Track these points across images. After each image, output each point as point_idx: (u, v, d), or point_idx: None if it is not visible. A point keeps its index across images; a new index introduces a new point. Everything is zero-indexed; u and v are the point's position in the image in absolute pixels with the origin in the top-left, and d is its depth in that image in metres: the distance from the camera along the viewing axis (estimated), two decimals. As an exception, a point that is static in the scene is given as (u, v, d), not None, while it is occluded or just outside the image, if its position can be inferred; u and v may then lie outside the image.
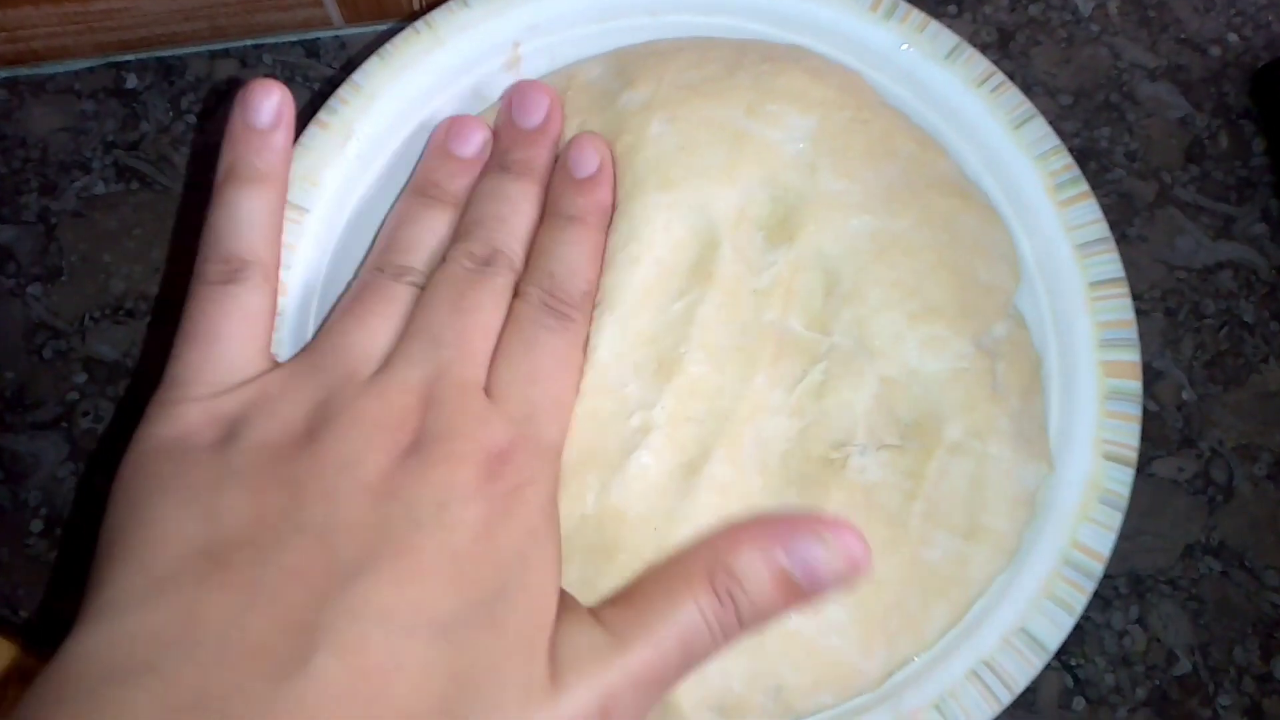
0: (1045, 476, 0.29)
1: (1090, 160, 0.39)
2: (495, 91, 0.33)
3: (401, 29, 0.33)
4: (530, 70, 0.34)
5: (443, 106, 0.33)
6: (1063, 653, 0.34)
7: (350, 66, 0.33)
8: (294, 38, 0.39)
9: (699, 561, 0.24)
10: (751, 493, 0.27)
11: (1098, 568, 0.28)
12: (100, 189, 0.37)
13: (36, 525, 0.34)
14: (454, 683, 0.21)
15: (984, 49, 0.40)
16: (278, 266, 0.28)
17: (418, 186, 0.30)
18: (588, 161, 0.30)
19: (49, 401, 0.35)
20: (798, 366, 0.28)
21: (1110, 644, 0.34)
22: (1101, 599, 0.34)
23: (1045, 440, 0.30)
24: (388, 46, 0.32)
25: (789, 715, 0.27)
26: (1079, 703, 0.33)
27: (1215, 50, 0.41)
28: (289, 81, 0.38)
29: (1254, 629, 0.34)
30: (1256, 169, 0.39)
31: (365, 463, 0.23)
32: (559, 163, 0.30)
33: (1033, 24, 0.41)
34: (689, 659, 0.23)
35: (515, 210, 0.29)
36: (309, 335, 0.30)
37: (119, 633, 0.21)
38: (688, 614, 0.23)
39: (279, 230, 0.28)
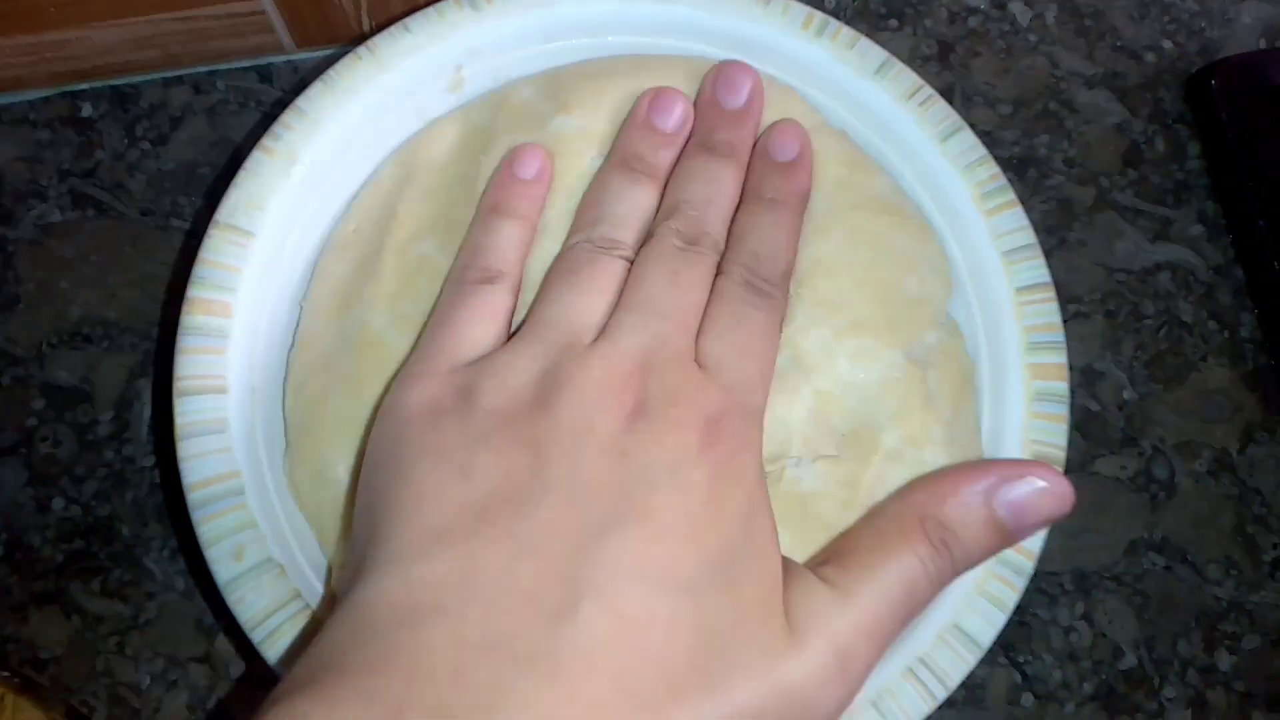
0: None
1: (1030, 167, 0.40)
2: (439, 113, 0.34)
3: (345, 54, 0.34)
4: (473, 92, 0.35)
5: (387, 130, 0.34)
6: (1010, 649, 0.34)
7: (300, 91, 0.33)
8: (247, 63, 0.39)
9: (910, 513, 0.26)
10: None
11: (1029, 565, 0.29)
12: (57, 217, 0.38)
13: (-4, 551, 0.34)
14: (701, 638, 0.22)
15: (925, 61, 0.41)
16: (520, 282, 0.30)
17: (623, 159, 0.31)
18: (789, 147, 0.31)
19: (7, 428, 0.35)
20: None
21: (1057, 640, 0.35)
22: (1047, 596, 0.35)
23: (978, 445, 0.30)
24: (331, 72, 0.33)
25: None
26: (1027, 698, 0.34)
27: (1150, 57, 0.42)
28: (242, 106, 0.39)
29: (1197, 622, 0.35)
30: (1192, 172, 0.40)
31: (596, 426, 0.25)
32: (759, 145, 0.32)
33: (972, 35, 0.42)
34: (912, 607, 0.25)
35: (721, 192, 0.30)
36: (255, 356, 0.31)
37: (406, 581, 0.22)
38: (908, 564, 0.25)
39: (525, 258, 0.30)
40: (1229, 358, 0.38)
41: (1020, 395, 0.31)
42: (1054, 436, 0.30)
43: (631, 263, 0.29)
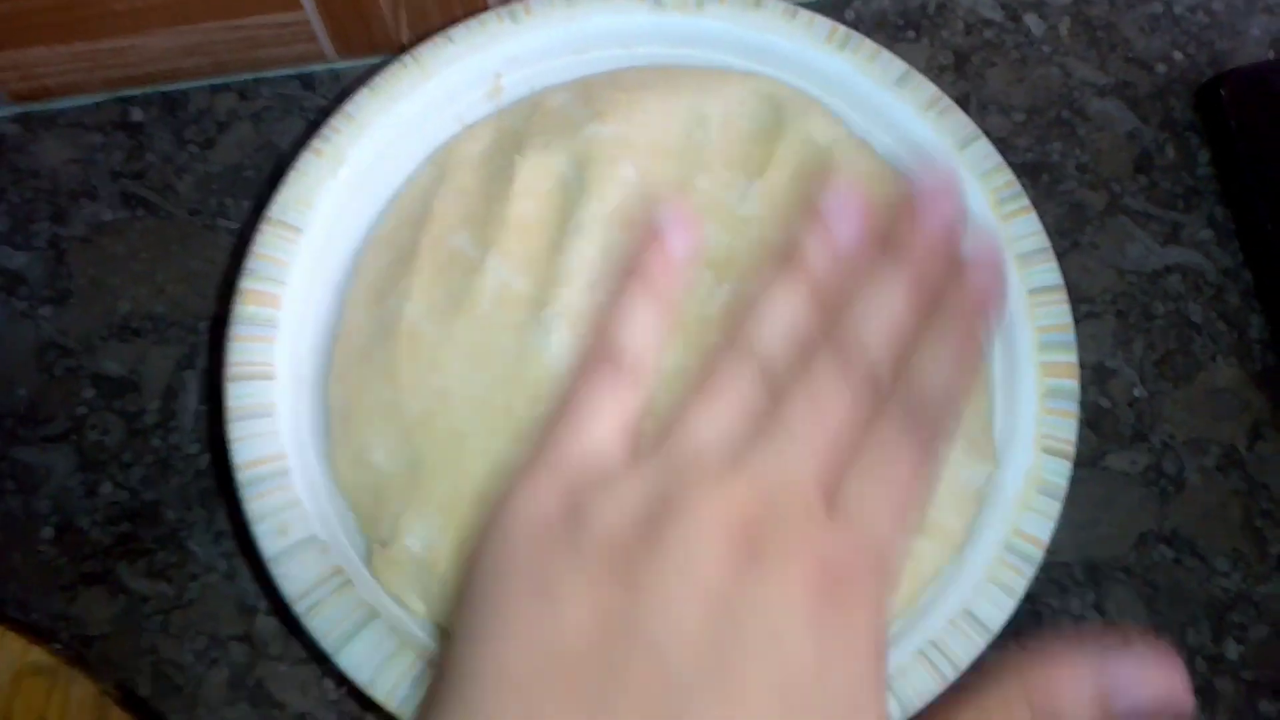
0: (990, 474, 0.31)
1: (1043, 173, 0.41)
2: (477, 119, 0.36)
3: (390, 62, 0.35)
4: (510, 99, 0.36)
5: (428, 134, 0.35)
6: (1023, 637, 0.35)
7: (343, 97, 0.35)
8: (291, 71, 0.41)
9: (1019, 700, 0.24)
10: None
11: (1037, 553, 0.30)
12: (108, 216, 0.39)
13: (47, 532, 0.36)
14: None
15: (941, 71, 0.42)
16: (652, 371, 0.28)
17: (788, 263, 0.29)
18: (986, 285, 0.28)
19: (59, 416, 0.37)
20: None
21: (1068, 628, 0.36)
22: (1059, 586, 0.36)
23: (991, 441, 0.32)
24: (377, 79, 0.35)
25: None
26: (1040, 685, 0.35)
27: (1161, 68, 0.43)
28: (286, 112, 0.41)
29: (1205, 612, 0.36)
30: (1202, 178, 0.41)
31: (703, 568, 0.23)
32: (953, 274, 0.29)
33: (987, 46, 0.43)
34: None
35: (894, 318, 0.27)
36: (302, 345, 0.32)
37: None
38: None
39: (660, 344, 0.28)
40: (1237, 357, 0.39)
41: (1032, 392, 0.32)
42: (1064, 432, 0.31)
43: (779, 382, 0.27)
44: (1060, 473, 0.31)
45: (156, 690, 0.34)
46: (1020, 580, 0.30)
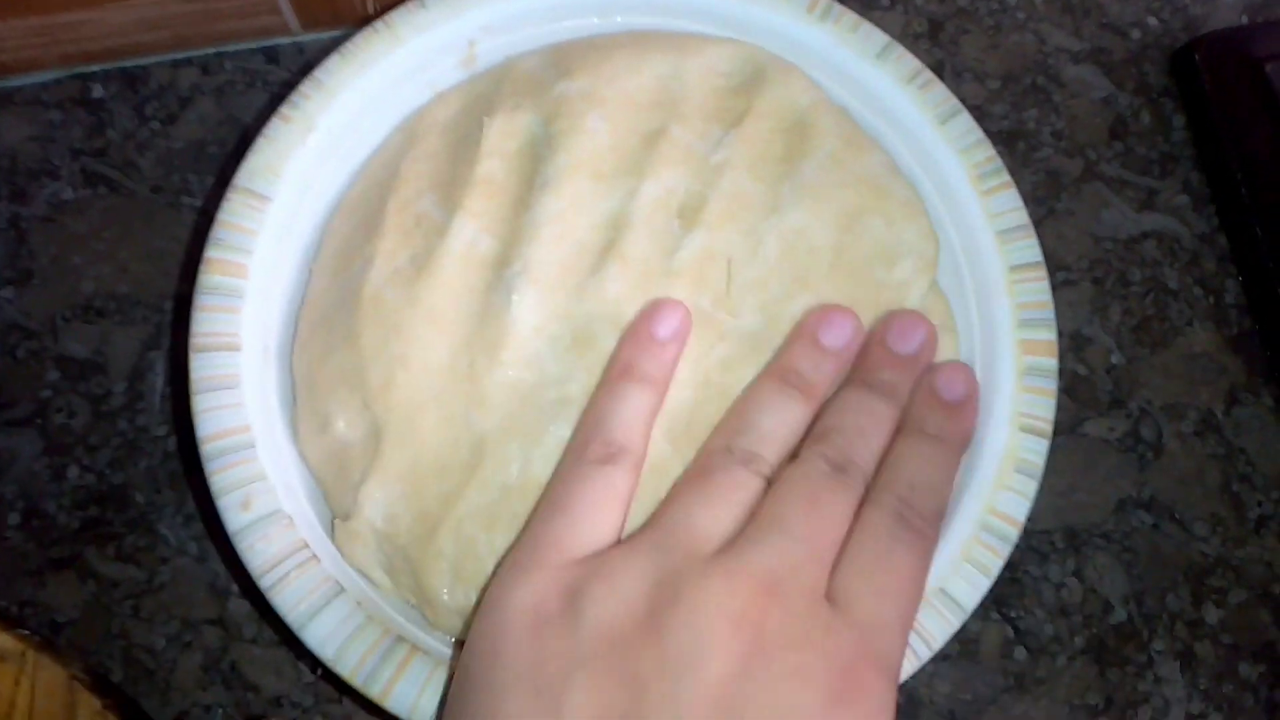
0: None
1: (1019, 140, 0.41)
2: (450, 86, 0.35)
3: (356, 33, 0.35)
4: (484, 67, 0.36)
5: (400, 101, 0.35)
6: (1003, 605, 0.35)
7: (308, 70, 0.34)
8: (254, 45, 0.40)
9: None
10: (663, 460, 0.29)
11: (1013, 532, 0.30)
12: (69, 194, 0.39)
13: (14, 518, 0.35)
14: None
15: (915, 39, 0.42)
16: (644, 461, 0.28)
17: (781, 371, 0.29)
18: (959, 387, 0.30)
19: (23, 400, 0.36)
20: (705, 343, 0.30)
21: (1049, 596, 0.35)
22: (1039, 553, 0.36)
23: None
24: (348, 45, 0.34)
25: None
26: (1020, 652, 0.35)
27: (1136, 33, 0.43)
28: (249, 86, 0.40)
29: (1185, 577, 0.36)
30: (1177, 144, 0.41)
31: (706, 662, 0.22)
32: (925, 382, 0.30)
33: (961, 13, 0.43)
34: None
35: (877, 427, 0.28)
36: (270, 316, 0.31)
37: None
38: None
39: (651, 429, 0.29)
40: (1214, 322, 0.39)
41: (1010, 369, 0.31)
42: (1042, 410, 0.31)
43: (770, 484, 0.27)
44: (1037, 451, 0.30)
45: (128, 675, 0.34)
46: (995, 560, 0.29)
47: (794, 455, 0.28)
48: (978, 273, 0.33)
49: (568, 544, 0.26)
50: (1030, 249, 0.33)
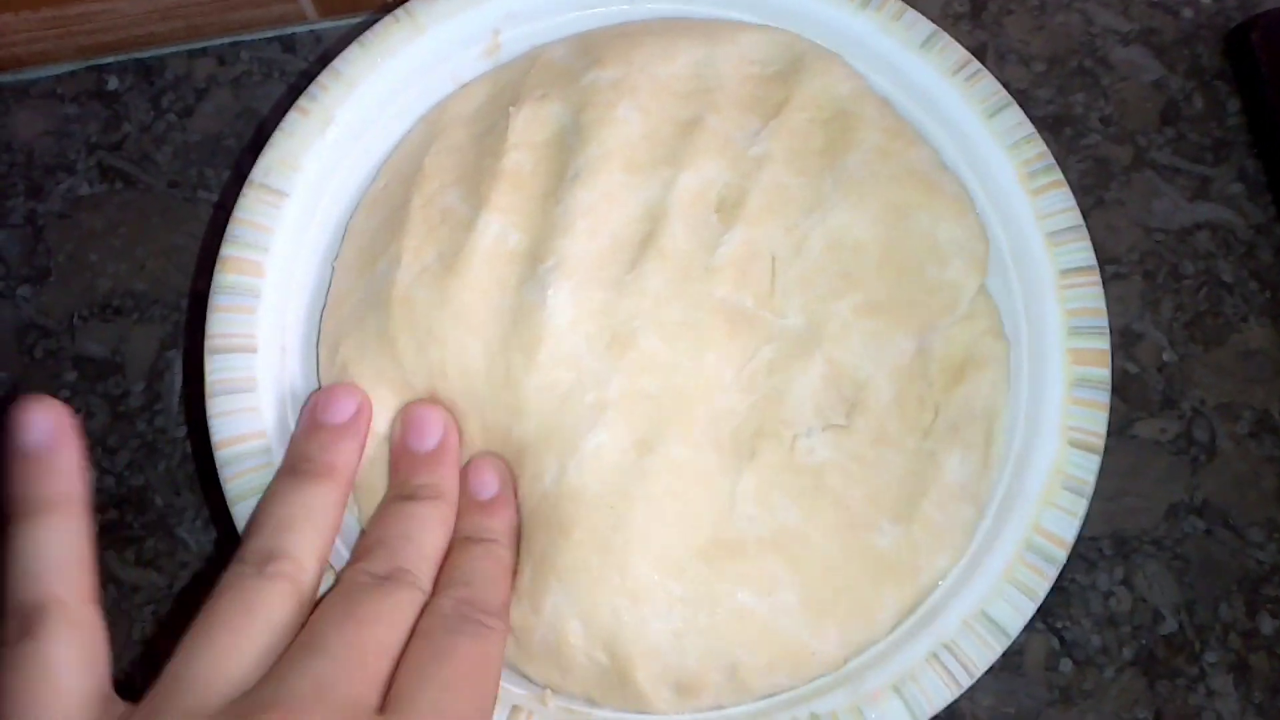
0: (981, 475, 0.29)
1: (1065, 126, 0.39)
2: (473, 77, 0.34)
3: (376, 20, 0.33)
4: (508, 57, 0.34)
5: (421, 93, 0.34)
6: (1049, 615, 0.34)
7: (326, 60, 0.33)
8: (270, 34, 0.39)
9: None
10: (707, 470, 0.28)
11: (1060, 553, 0.28)
12: (85, 190, 0.38)
13: (32, 521, 0.34)
14: None
15: (957, 20, 0.40)
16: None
17: (289, 464, 0.28)
18: (489, 485, 0.28)
19: (41, 400, 0.36)
20: (749, 344, 0.29)
21: (1096, 605, 0.34)
22: (1086, 561, 0.34)
23: (979, 428, 0.30)
24: (368, 35, 0.33)
25: (746, 695, 0.28)
26: (1066, 664, 0.34)
27: (1188, 12, 0.41)
28: (266, 77, 0.39)
29: (1239, 586, 0.34)
30: (1232, 129, 0.39)
31: None
32: (462, 484, 0.29)
33: (1004, -7, 0.41)
34: None
35: (423, 528, 0.27)
36: (287, 315, 0.31)
37: None
38: None
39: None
40: (1270, 317, 0.37)
41: (1059, 379, 0.30)
42: (1092, 424, 0.29)
43: (310, 592, 0.25)
44: (1087, 468, 0.29)
45: (149, 682, 0.33)
46: (1041, 581, 0.28)
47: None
48: (1026, 276, 0.31)
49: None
50: (1082, 252, 0.31)
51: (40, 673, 0.22)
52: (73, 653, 0.22)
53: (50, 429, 0.24)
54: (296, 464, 0.27)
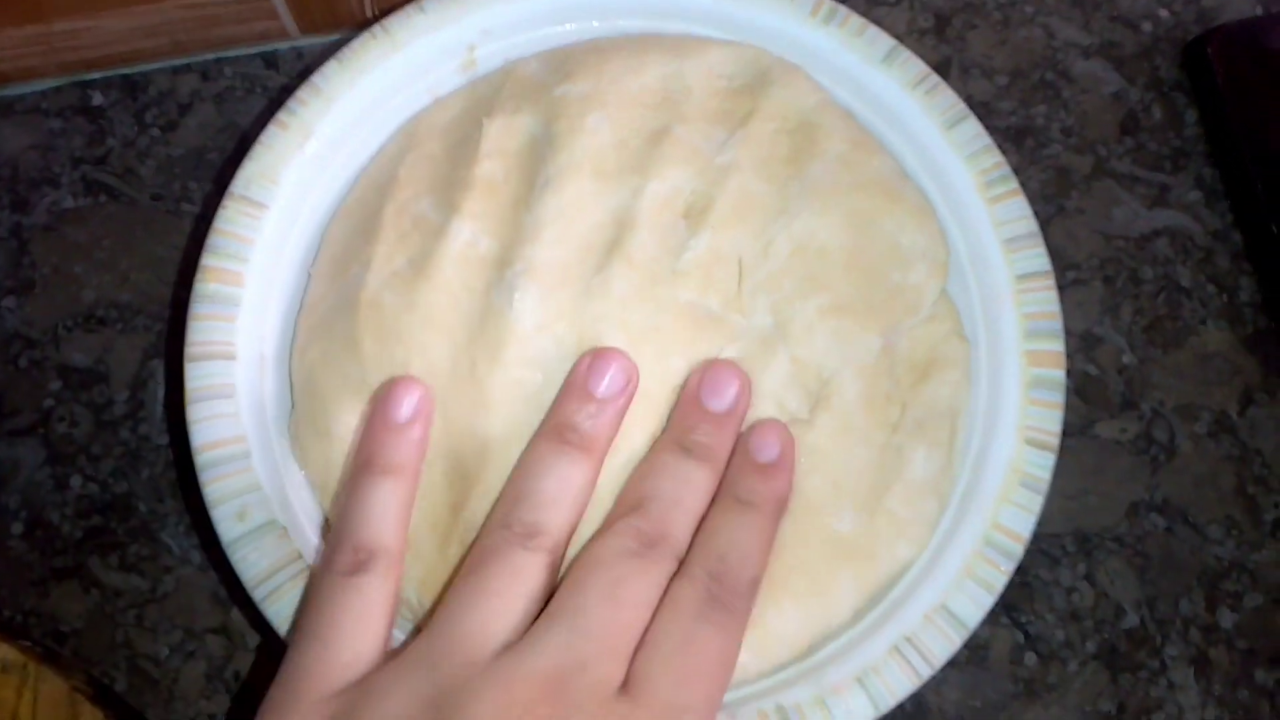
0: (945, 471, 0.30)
1: (1027, 137, 0.40)
2: (449, 90, 0.35)
3: (359, 34, 0.34)
4: (484, 72, 0.35)
5: (398, 107, 0.34)
6: (1013, 610, 0.35)
7: (306, 76, 0.34)
8: (253, 50, 0.40)
9: None
10: None
11: (1017, 548, 0.29)
12: (69, 203, 0.38)
13: (17, 528, 0.35)
14: None
15: (921, 34, 0.41)
16: (403, 556, 0.26)
17: (553, 429, 0.27)
18: (770, 447, 0.28)
19: (25, 409, 0.36)
20: (714, 345, 0.30)
21: (1059, 600, 0.35)
22: (1049, 557, 0.35)
23: (943, 427, 0.31)
24: (345, 51, 0.34)
25: None
26: (1030, 658, 0.34)
27: (1147, 26, 0.42)
28: (249, 92, 0.40)
29: (1198, 581, 0.35)
30: (1189, 139, 0.41)
31: None
32: (739, 442, 0.28)
33: (968, 8, 0.42)
34: None
35: (694, 494, 0.27)
36: (266, 324, 0.31)
37: None
38: None
39: (408, 520, 0.27)
40: (1228, 321, 0.38)
41: (1016, 381, 0.31)
42: (1048, 423, 0.30)
43: (560, 559, 0.25)
44: (1043, 465, 0.30)
45: (132, 685, 0.34)
46: (1000, 576, 0.29)
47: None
48: (984, 281, 0.32)
49: (324, 674, 0.24)
50: (1037, 258, 0.32)
51: (363, 605, 0.25)
52: (387, 596, 0.25)
53: (414, 407, 0.28)
54: (561, 432, 0.27)
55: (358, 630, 0.25)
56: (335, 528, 0.27)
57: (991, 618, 0.33)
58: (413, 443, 0.28)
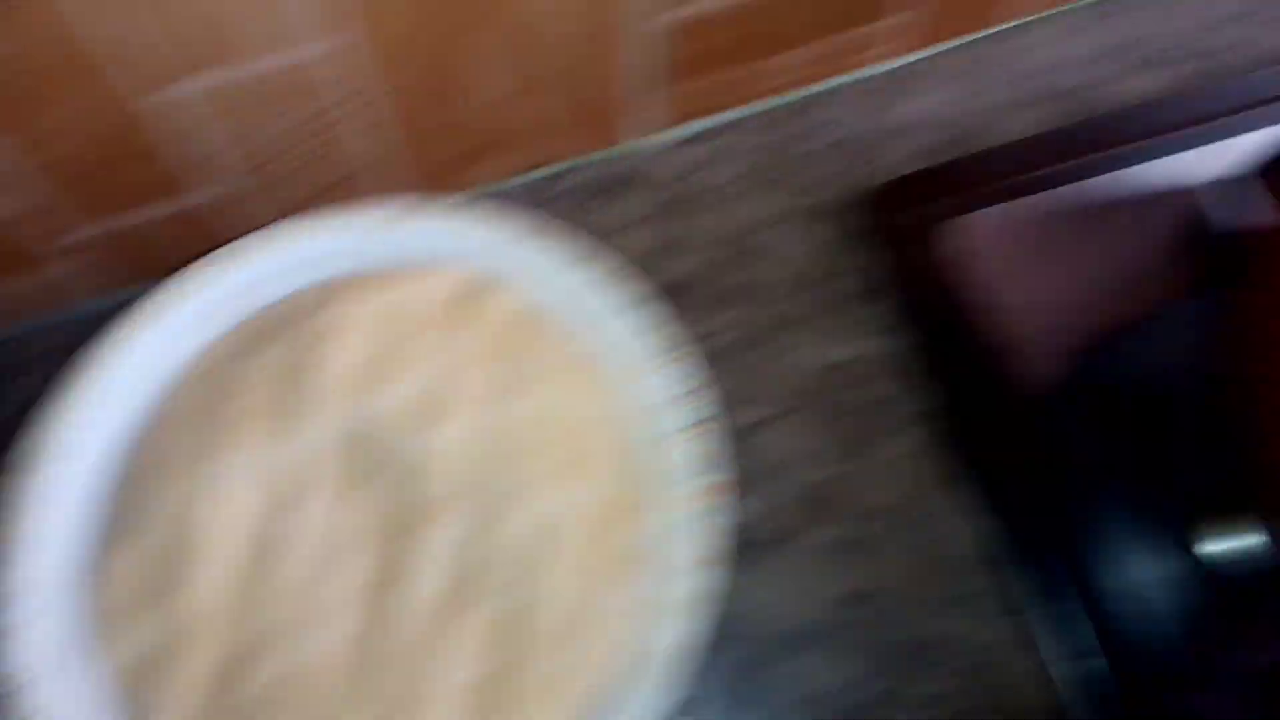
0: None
1: (718, 298, 0.48)
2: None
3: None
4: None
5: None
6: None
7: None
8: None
9: None
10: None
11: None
12: None
13: None
14: None
15: (644, 221, 0.50)
16: None
17: None
18: None
19: None
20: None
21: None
22: (765, 657, 0.41)
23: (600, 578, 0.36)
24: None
25: None
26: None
27: (834, 185, 0.50)
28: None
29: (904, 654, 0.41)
30: (871, 279, 0.48)
31: None
32: None
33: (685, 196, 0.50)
34: None
35: None
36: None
37: None
38: None
39: None
40: (916, 426, 0.45)
41: (684, 513, 0.36)
42: (713, 547, 0.36)
43: None
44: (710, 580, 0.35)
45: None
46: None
47: None
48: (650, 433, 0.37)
49: None
50: (698, 409, 0.38)
51: None
52: None
53: None
54: None
55: None
56: None
57: None
58: None
